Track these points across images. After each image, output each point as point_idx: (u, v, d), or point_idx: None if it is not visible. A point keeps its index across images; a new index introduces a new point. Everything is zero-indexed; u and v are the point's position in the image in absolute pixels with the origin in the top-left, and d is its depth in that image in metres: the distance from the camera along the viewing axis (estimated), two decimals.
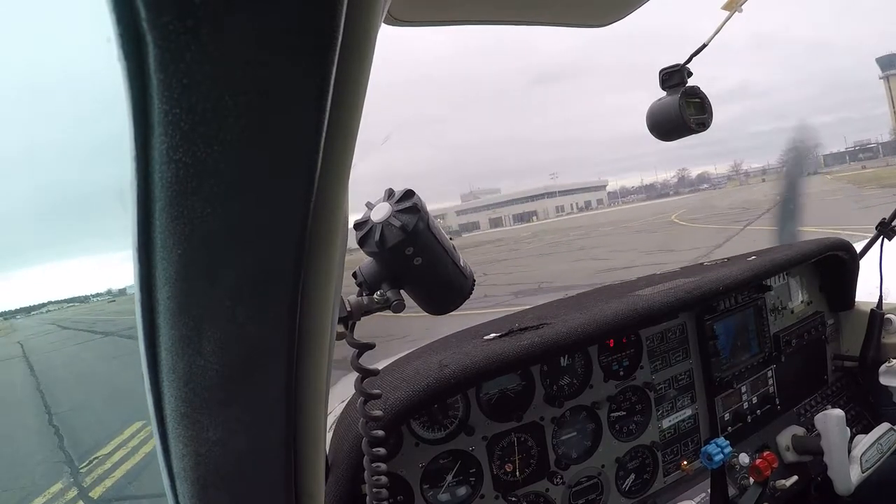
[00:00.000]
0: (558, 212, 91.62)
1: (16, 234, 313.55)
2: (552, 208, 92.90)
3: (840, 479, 1.35)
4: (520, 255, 21.57)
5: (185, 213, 0.30)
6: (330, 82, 0.30)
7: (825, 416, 1.38)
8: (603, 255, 15.91)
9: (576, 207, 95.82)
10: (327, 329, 0.45)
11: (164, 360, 0.37)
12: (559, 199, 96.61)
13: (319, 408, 0.48)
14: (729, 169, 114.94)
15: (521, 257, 20.74)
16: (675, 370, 1.39)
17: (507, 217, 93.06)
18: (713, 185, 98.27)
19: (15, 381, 12.24)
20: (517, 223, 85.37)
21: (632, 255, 14.10)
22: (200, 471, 0.42)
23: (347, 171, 0.37)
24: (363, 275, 0.57)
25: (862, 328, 1.64)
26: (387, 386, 1.00)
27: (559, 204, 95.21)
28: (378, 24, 0.35)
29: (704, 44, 1.02)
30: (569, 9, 0.86)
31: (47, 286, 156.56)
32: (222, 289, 0.34)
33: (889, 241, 1.64)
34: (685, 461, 1.35)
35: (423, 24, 0.76)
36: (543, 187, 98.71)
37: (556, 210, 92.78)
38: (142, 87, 0.27)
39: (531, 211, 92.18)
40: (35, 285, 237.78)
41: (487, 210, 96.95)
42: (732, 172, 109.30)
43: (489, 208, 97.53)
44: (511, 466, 1.16)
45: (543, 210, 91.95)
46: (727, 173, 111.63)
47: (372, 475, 0.64)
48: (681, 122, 1.04)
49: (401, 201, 0.53)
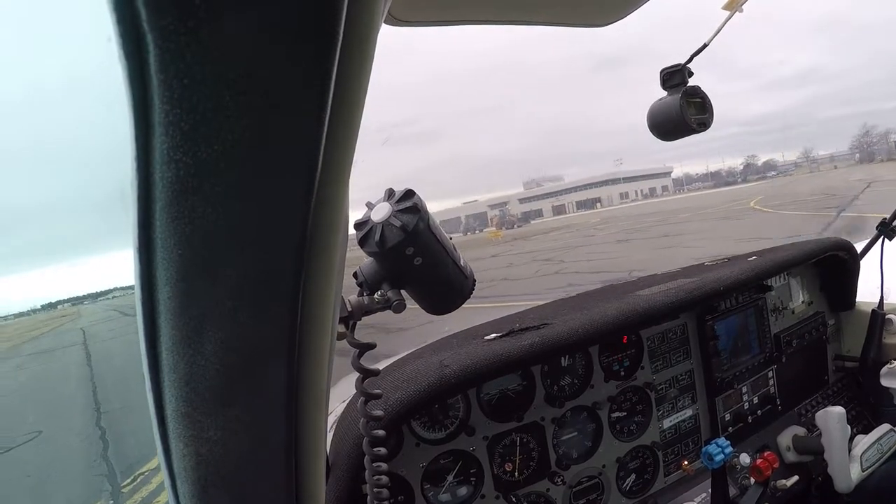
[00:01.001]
0: (622, 199, 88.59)
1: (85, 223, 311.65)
2: (616, 195, 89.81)
3: (840, 476, 1.35)
4: (595, 242, 20.72)
5: (186, 212, 0.30)
6: (331, 82, 0.30)
7: (826, 413, 1.38)
8: (691, 243, 14.66)
9: (640, 194, 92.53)
10: (328, 329, 0.45)
11: (164, 360, 0.37)
12: (623, 185, 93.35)
13: (320, 407, 0.48)
14: (798, 156, 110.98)
15: (597, 244, 19.88)
16: (676, 370, 1.39)
17: (571, 204, 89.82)
18: (780, 173, 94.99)
19: (70, 372, 11.51)
20: (580, 210, 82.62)
21: (725, 243, 12.98)
22: (201, 470, 0.42)
23: (348, 171, 0.37)
24: (364, 275, 0.57)
25: (863, 328, 1.64)
26: (388, 386, 1.00)
27: (623, 191, 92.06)
28: (379, 24, 0.35)
29: (705, 44, 1.02)
30: (569, 9, 0.86)
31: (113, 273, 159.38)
32: (223, 289, 0.34)
33: (890, 241, 1.63)
34: (686, 461, 1.35)
35: (424, 24, 0.76)
36: (608, 174, 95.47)
37: (621, 197, 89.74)
38: (142, 88, 0.27)
39: (595, 198, 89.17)
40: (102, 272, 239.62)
41: (550, 198, 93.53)
42: (802, 160, 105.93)
43: (552, 196, 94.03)
44: (511, 466, 1.16)
45: (608, 197, 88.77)
46: (794, 160, 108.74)
47: (373, 475, 0.64)
48: (681, 122, 1.04)
49: (401, 201, 0.53)
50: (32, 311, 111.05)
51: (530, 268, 15.61)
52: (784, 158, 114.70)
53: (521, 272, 14.98)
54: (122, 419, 6.29)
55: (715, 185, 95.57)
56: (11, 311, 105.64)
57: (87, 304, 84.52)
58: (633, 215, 35.93)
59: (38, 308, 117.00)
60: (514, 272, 15.21)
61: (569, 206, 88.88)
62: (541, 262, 16.41)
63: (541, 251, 20.41)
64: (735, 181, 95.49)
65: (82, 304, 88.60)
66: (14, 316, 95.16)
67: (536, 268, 15.36)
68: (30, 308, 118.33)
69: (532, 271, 14.75)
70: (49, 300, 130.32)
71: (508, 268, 16.46)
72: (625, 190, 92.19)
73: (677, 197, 69.38)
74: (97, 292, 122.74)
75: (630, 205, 71.66)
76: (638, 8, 0.88)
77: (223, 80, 0.27)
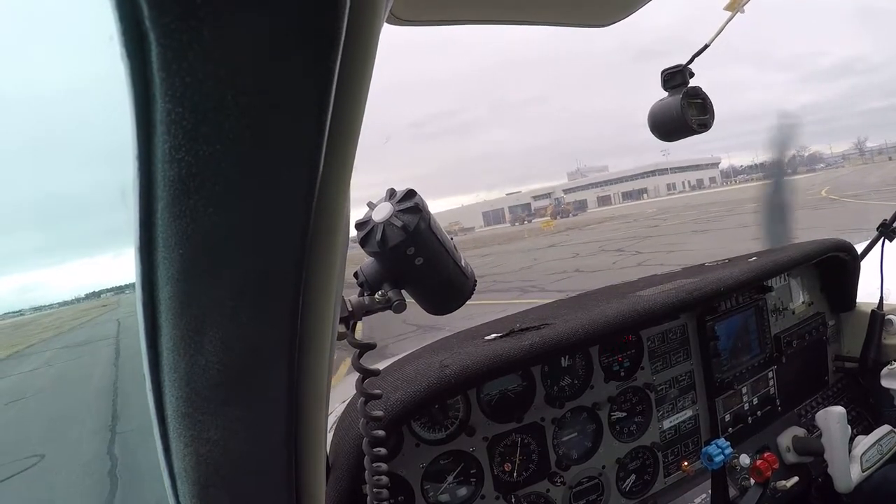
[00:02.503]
0: (669, 190, 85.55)
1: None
2: (663, 186, 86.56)
3: (840, 476, 1.35)
4: (666, 233, 19.19)
5: (187, 212, 0.30)
6: (332, 81, 0.29)
7: (827, 412, 1.38)
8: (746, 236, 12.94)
9: (688, 185, 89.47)
10: (328, 329, 0.45)
11: (165, 360, 0.37)
12: (671, 176, 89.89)
13: (320, 408, 0.48)
14: (847, 148, 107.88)
15: (670, 234, 18.48)
16: (676, 371, 1.38)
17: (617, 195, 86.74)
18: (829, 165, 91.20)
19: (94, 373, 10.31)
20: (626, 201, 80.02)
21: (825, 231, 11.92)
22: (201, 470, 0.42)
23: (349, 171, 0.37)
24: (364, 275, 0.57)
25: (863, 329, 1.64)
26: (388, 386, 1.00)
27: (671, 181, 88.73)
28: (380, 23, 0.35)
29: (706, 44, 1.02)
30: (570, 9, 0.86)
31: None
32: (224, 288, 0.34)
33: (890, 243, 1.63)
34: (686, 462, 1.35)
35: (426, 24, 0.76)
36: (654, 164, 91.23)
37: (668, 188, 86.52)
38: (144, 86, 0.27)
39: (641, 188, 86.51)
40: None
41: (596, 188, 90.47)
42: (853, 151, 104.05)
43: (597, 186, 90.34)
44: (511, 467, 1.16)
45: (654, 188, 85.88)
46: (842, 153, 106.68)
47: (373, 475, 0.64)
48: (682, 123, 1.04)
49: (402, 201, 0.53)
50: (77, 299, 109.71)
51: (601, 259, 14.47)
52: (832, 150, 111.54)
53: (594, 263, 13.89)
54: (137, 448, 5.03)
55: (764, 176, 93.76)
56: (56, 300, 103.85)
57: (128, 294, 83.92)
58: (693, 205, 34.22)
59: (83, 297, 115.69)
60: (586, 263, 14.25)
61: (614, 196, 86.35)
62: (612, 254, 15.16)
63: (606, 241, 19.26)
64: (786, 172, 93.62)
65: (123, 294, 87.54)
66: (59, 305, 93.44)
67: (611, 259, 14.11)
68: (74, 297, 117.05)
69: (608, 262, 13.54)
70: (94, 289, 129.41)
71: (575, 258, 15.70)
72: (672, 181, 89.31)
73: (728, 188, 66.10)
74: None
75: (679, 195, 69.63)
76: (639, 8, 0.88)
77: (225, 79, 0.27)
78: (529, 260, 17.23)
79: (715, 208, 27.49)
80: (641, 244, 16.29)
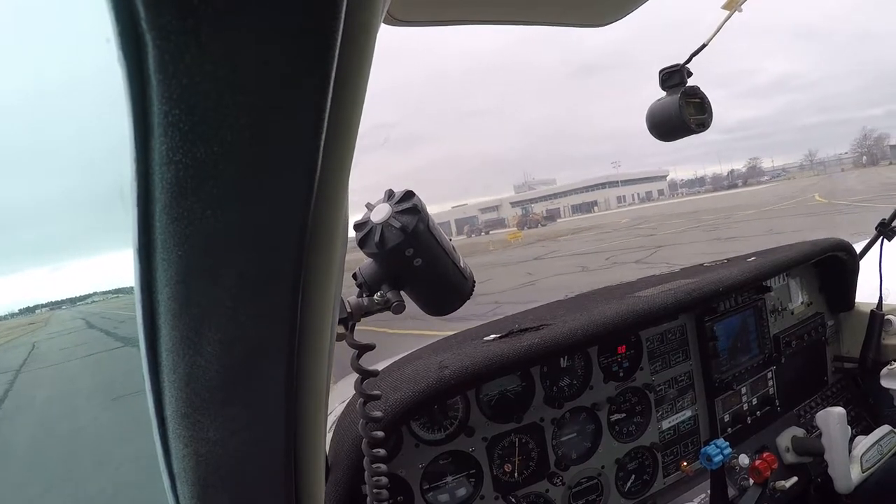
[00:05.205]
0: (619, 202, 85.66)
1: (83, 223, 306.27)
2: (613, 198, 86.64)
3: (840, 476, 1.35)
4: (665, 243, 16.98)
5: (186, 213, 0.30)
6: (330, 82, 0.30)
7: (826, 413, 1.38)
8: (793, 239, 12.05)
9: (637, 198, 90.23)
10: (327, 330, 0.45)
11: (164, 361, 0.37)
12: (621, 189, 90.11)
13: (319, 408, 0.48)
14: (788, 161, 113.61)
15: (669, 244, 16.27)
16: (675, 371, 1.39)
17: (566, 208, 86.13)
18: (773, 177, 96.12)
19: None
20: (576, 214, 79.78)
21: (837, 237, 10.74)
22: (201, 471, 0.42)
23: (347, 172, 0.37)
24: (363, 276, 0.57)
25: (862, 329, 1.64)
26: (387, 387, 1.00)
27: (620, 194, 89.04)
28: (378, 24, 0.35)
29: (704, 44, 1.01)
30: (568, 9, 0.86)
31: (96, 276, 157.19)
32: (223, 290, 0.34)
33: (889, 242, 1.63)
34: (685, 462, 1.35)
35: (423, 24, 0.76)
36: (603, 177, 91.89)
37: (618, 200, 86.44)
38: (141, 88, 0.27)
39: (591, 201, 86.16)
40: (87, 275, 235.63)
41: (545, 201, 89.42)
42: (805, 162, 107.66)
43: (546, 199, 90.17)
44: (511, 467, 1.16)
45: (604, 200, 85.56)
46: (783, 166, 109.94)
47: (372, 476, 0.64)
48: (680, 123, 1.04)
49: (401, 202, 0.53)
50: (10, 315, 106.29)
51: (619, 273, 12.26)
52: (773, 163, 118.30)
53: (612, 278, 11.33)
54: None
55: (714, 188, 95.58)
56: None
57: (64, 310, 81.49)
58: (679, 213, 32.70)
59: (17, 312, 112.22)
60: (605, 278, 11.61)
61: (564, 209, 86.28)
62: (632, 266, 12.81)
63: (609, 251, 17.30)
64: (736, 184, 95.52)
65: (59, 310, 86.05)
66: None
67: (619, 272, 12.31)
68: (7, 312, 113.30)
69: (617, 277, 11.22)
70: (30, 304, 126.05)
71: (583, 272, 13.65)
72: (622, 193, 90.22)
73: (678, 200, 66.53)
74: (78, 297, 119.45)
75: (629, 208, 69.83)
76: (637, 8, 0.88)
77: (222, 80, 0.27)
78: (521, 275, 14.95)
79: (705, 216, 26.17)
80: (658, 255, 14.11)
